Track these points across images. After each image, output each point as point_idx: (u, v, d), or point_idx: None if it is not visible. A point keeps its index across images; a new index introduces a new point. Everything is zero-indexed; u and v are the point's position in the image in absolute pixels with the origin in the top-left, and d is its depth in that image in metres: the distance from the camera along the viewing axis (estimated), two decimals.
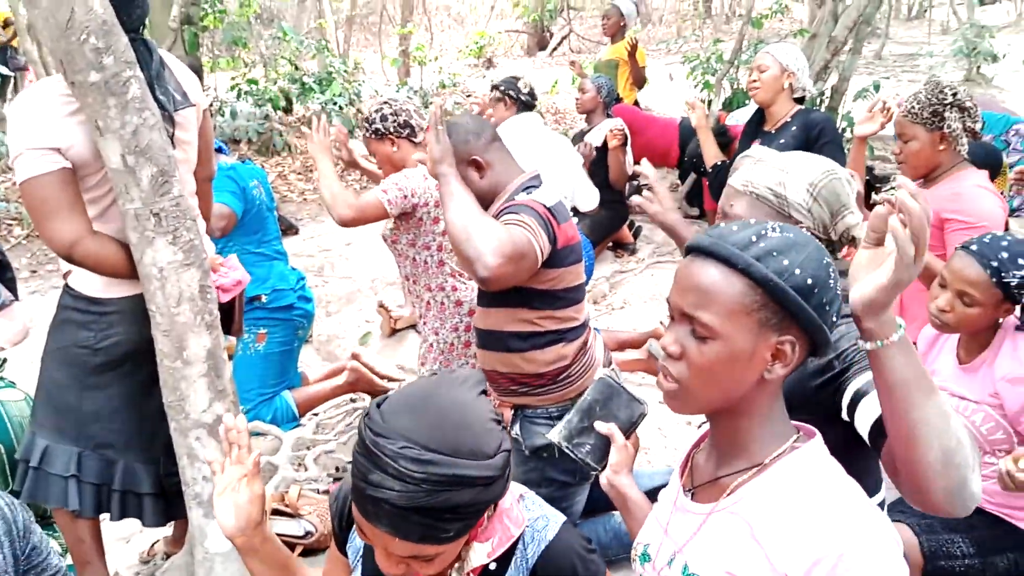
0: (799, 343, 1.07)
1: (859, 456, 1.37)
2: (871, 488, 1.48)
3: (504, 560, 1.28)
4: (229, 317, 2.25)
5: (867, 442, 1.33)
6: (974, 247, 2.01)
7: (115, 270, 1.94)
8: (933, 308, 2.06)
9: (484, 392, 1.24)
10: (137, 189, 1.84)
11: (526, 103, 4.39)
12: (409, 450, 1.09)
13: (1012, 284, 1.95)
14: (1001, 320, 2.02)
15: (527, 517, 1.32)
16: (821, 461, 1.10)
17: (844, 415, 1.40)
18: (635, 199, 1.94)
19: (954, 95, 2.53)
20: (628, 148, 5.07)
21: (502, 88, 4.41)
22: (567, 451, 1.49)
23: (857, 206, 1.59)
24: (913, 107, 2.56)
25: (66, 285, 2.10)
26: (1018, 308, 1.99)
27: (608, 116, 5.16)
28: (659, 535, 1.25)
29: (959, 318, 2.01)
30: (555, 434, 1.51)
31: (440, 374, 1.26)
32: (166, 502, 2.21)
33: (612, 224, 5.18)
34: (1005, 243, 1.99)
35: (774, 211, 1.53)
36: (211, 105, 5.95)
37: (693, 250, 1.11)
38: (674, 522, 1.22)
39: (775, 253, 1.05)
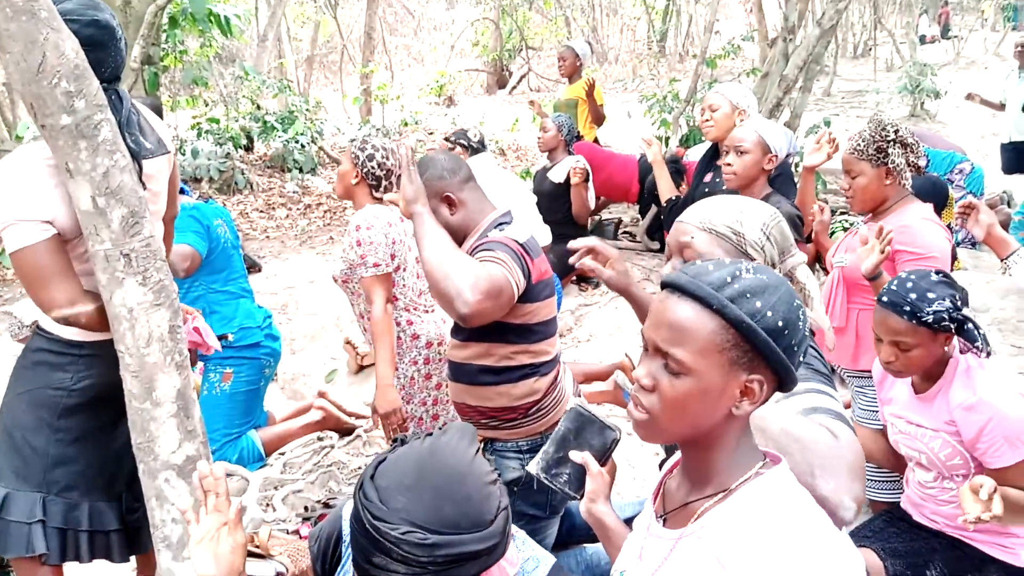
0: (767, 381, 1.11)
1: None
2: None
3: None
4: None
5: None
6: (885, 298, 2.08)
7: (107, 326, 1.94)
8: (883, 365, 2.14)
9: (477, 449, 1.24)
10: (107, 230, 1.84)
11: (477, 150, 4.51)
12: (412, 535, 1.10)
13: (931, 320, 2.00)
14: (947, 348, 2.09)
15: (519, 558, 1.33)
16: (785, 486, 1.13)
17: None
18: (585, 263, 1.92)
19: (896, 132, 2.64)
20: (590, 184, 5.17)
21: (454, 139, 4.56)
22: (546, 481, 1.52)
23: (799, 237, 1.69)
24: (858, 144, 2.66)
25: (39, 327, 2.09)
26: (954, 336, 2.05)
27: (570, 153, 5.26)
28: (634, 561, 1.27)
29: (906, 364, 2.08)
30: (533, 466, 1.54)
31: (432, 439, 1.24)
32: (130, 536, 2.20)
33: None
34: (910, 284, 2.06)
35: (732, 247, 1.59)
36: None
37: (670, 286, 1.14)
38: (647, 548, 1.24)
39: (749, 295, 1.09)
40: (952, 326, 2.02)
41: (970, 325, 2.01)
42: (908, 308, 2.03)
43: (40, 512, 2.05)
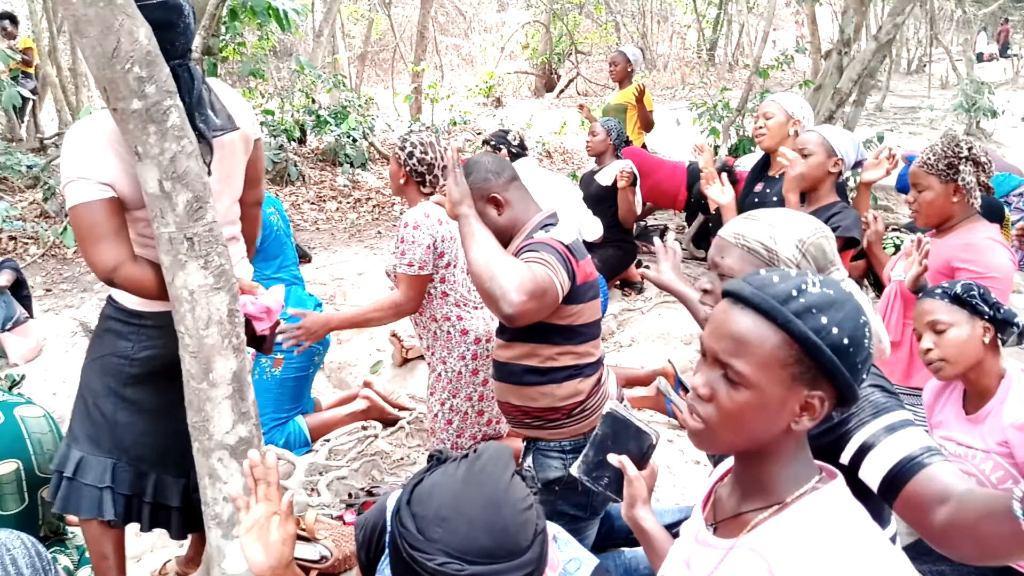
0: (828, 398, 1.09)
1: (865, 499, 1.40)
2: (880, 524, 1.52)
3: None
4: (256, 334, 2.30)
5: (875, 492, 1.38)
6: (921, 293, 2.18)
7: (153, 294, 2.00)
8: (924, 359, 2.12)
9: (516, 472, 1.25)
10: (172, 214, 1.89)
11: (517, 154, 4.51)
12: (449, 566, 1.11)
13: (961, 293, 2.08)
14: (986, 338, 2.08)
15: (560, 559, 1.35)
16: (842, 502, 1.11)
17: (844, 462, 1.44)
18: (646, 272, 2.03)
19: (970, 149, 2.59)
20: (637, 188, 5.16)
21: (493, 142, 4.54)
22: (588, 484, 1.53)
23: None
24: (928, 158, 2.62)
25: (109, 297, 2.17)
26: (992, 327, 2.08)
27: (618, 157, 5.26)
28: (682, 568, 1.26)
29: (945, 350, 2.07)
30: (575, 469, 1.55)
31: (467, 465, 1.25)
32: (190, 515, 2.25)
33: (621, 262, 5.26)
34: (947, 283, 2.15)
35: (763, 264, 1.57)
36: None
37: (732, 296, 1.12)
38: (696, 556, 1.23)
39: (814, 310, 1.06)
40: (987, 309, 2.03)
41: (1005, 311, 2.01)
42: (940, 290, 2.08)
43: (109, 478, 2.13)
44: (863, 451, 1.41)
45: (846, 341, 1.06)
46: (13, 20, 8.77)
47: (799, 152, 2.90)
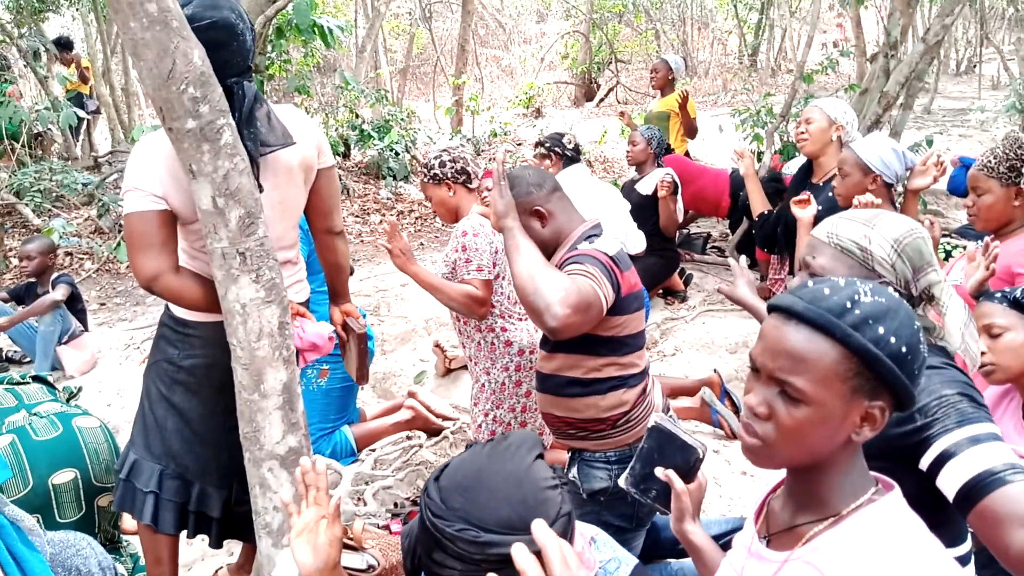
0: (888, 406, 1.08)
1: (940, 506, 1.38)
2: (954, 538, 1.48)
3: None
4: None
5: (951, 502, 1.36)
6: (981, 297, 2.13)
7: (192, 305, 2.06)
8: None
9: (539, 456, 1.27)
10: (225, 229, 1.94)
11: (571, 158, 4.49)
12: (467, 532, 1.14)
13: (1021, 297, 2.02)
14: None
15: (599, 559, 1.35)
16: (900, 514, 1.10)
17: (923, 468, 1.42)
18: (722, 286, 2.11)
19: None
20: (678, 197, 5.14)
21: (548, 145, 4.52)
22: (638, 496, 1.52)
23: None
24: (989, 161, 2.57)
25: (166, 305, 2.24)
26: None
27: (659, 166, 5.23)
28: None
29: (998, 355, 2.03)
30: (623, 481, 1.55)
31: (492, 444, 1.29)
32: (229, 526, 2.30)
33: (663, 271, 5.23)
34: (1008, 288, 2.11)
35: (857, 264, 1.55)
36: None
37: (783, 311, 1.10)
38: (748, 568, 1.22)
39: (871, 321, 1.05)
40: None
41: None
42: (1000, 295, 2.03)
43: (155, 484, 2.19)
44: (943, 459, 1.39)
45: (904, 349, 1.05)
46: (67, 46, 9.05)
47: (838, 171, 2.88)
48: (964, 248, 3.15)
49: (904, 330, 1.06)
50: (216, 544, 2.33)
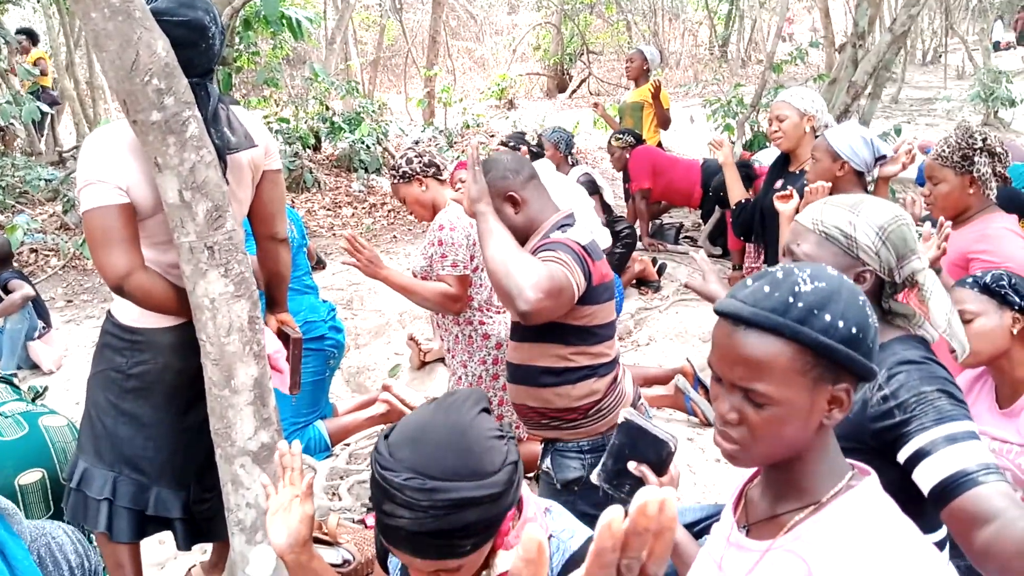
0: (852, 385, 1.09)
1: (916, 498, 1.39)
2: (930, 526, 1.50)
3: None
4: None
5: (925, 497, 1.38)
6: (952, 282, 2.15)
7: (160, 306, 2.00)
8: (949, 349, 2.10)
9: (485, 410, 1.29)
10: (192, 223, 1.91)
11: (536, 154, 4.53)
12: (413, 480, 1.16)
13: (990, 283, 2.05)
14: (1015, 329, 2.06)
15: (552, 528, 1.38)
16: (878, 500, 1.10)
17: (900, 461, 1.43)
18: (690, 280, 2.12)
19: (984, 140, 2.57)
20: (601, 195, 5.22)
21: (512, 144, 4.56)
22: (611, 492, 1.53)
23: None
24: (943, 151, 2.60)
25: (108, 312, 2.18)
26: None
27: (573, 164, 5.36)
28: (713, 571, 1.24)
29: (970, 339, 2.04)
30: (595, 477, 1.55)
31: (439, 400, 1.32)
32: (196, 526, 2.26)
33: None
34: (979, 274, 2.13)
35: (841, 251, 1.56)
36: None
37: (729, 317, 1.09)
38: (728, 558, 1.22)
39: (816, 311, 1.04)
40: (1017, 299, 2.01)
41: None
42: (971, 280, 2.06)
43: (109, 491, 2.13)
44: (919, 455, 1.40)
45: (854, 330, 1.05)
46: (31, 36, 8.88)
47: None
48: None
49: (851, 310, 1.06)
50: (184, 547, 2.28)
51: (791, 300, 1.05)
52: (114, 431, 2.13)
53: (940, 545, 1.57)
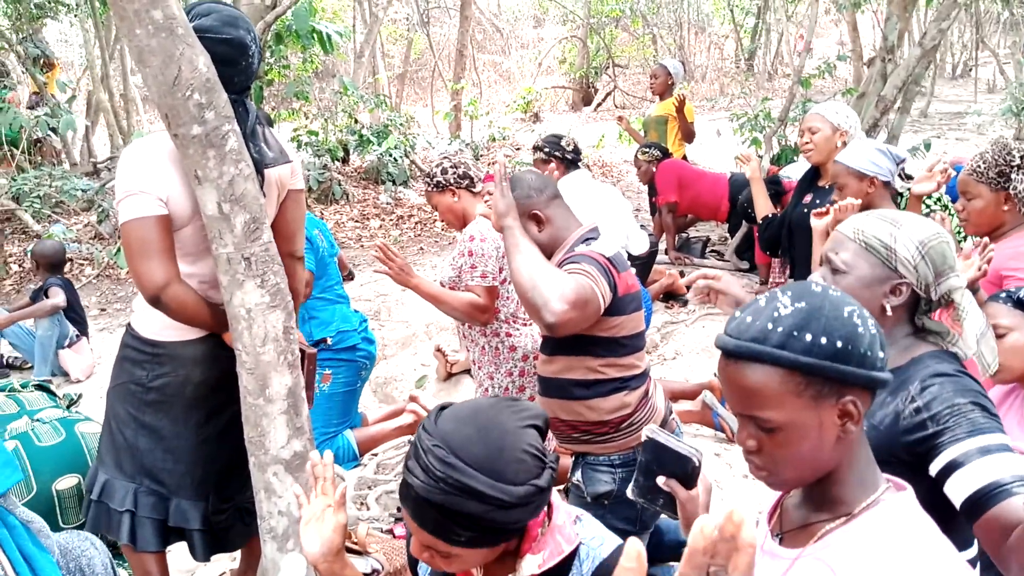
0: (860, 397, 1.09)
1: (949, 512, 1.38)
2: (963, 542, 1.48)
3: (558, 574, 1.36)
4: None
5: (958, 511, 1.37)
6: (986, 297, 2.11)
7: (193, 318, 2.03)
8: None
9: (537, 428, 1.31)
10: (231, 235, 1.95)
11: (572, 160, 4.47)
12: (439, 450, 1.23)
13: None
14: None
15: (582, 535, 1.39)
16: (911, 514, 1.10)
17: (932, 474, 1.42)
18: (701, 282, 2.05)
19: (1022, 157, 2.54)
20: None
21: (547, 149, 4.47)
22: (647, 506, 1.54)
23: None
24: (978, 166, 2.57)
25: (128, 325, 2.20)
26: None
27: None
28: None
29: (1003, 354, 2.02)
30: (631, 493, 1.56)
31: (503, 398, 1.37)
32: (213, 537, 2.26)
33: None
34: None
35: (880, 262, 1.56)
36: None
37: (720, 350, 1.13)
38: (761, 565, 1.20)
39: (795, 332, 1.05)
40: None
41: None
42: (1004, 295, 2.03)
43: (131, 503, 2.14)
44: (952, 467, 1.39)
45: (840, 343, 1.05)
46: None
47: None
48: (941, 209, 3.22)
49: (834, 325, 1.06)
50: (203, 557, 2.28)
51: (770, 326, 1.07)
52: (134, 443, 2.15)
53: (972, 563, 1.55)
